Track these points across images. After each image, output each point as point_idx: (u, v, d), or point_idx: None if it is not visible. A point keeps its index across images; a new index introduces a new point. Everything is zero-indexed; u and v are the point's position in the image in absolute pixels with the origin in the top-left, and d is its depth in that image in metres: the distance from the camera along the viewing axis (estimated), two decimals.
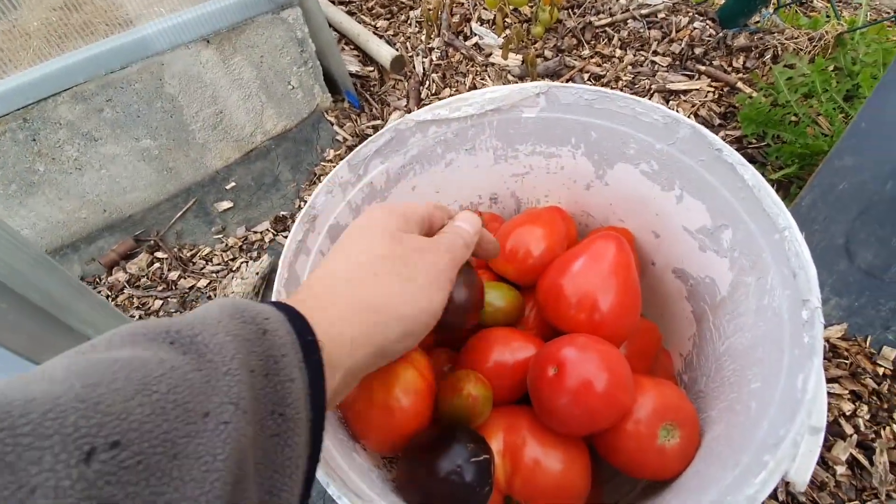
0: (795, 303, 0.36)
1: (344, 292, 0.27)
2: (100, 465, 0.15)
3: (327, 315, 0.26)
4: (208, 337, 0.20)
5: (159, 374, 0.18)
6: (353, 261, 0.29)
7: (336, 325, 0.26)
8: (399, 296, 0.28)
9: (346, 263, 0.29)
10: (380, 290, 0.28)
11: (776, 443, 0.30)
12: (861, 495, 0.58)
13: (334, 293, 0.27)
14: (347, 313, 0.26)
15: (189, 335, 0.20)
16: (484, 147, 0.59)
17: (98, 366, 0.17)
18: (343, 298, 0.27)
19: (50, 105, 0.82)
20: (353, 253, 0.30)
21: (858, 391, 0.64)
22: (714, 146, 0.43)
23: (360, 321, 0.27)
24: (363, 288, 0.28)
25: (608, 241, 0.48)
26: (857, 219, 0.67)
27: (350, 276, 0.28)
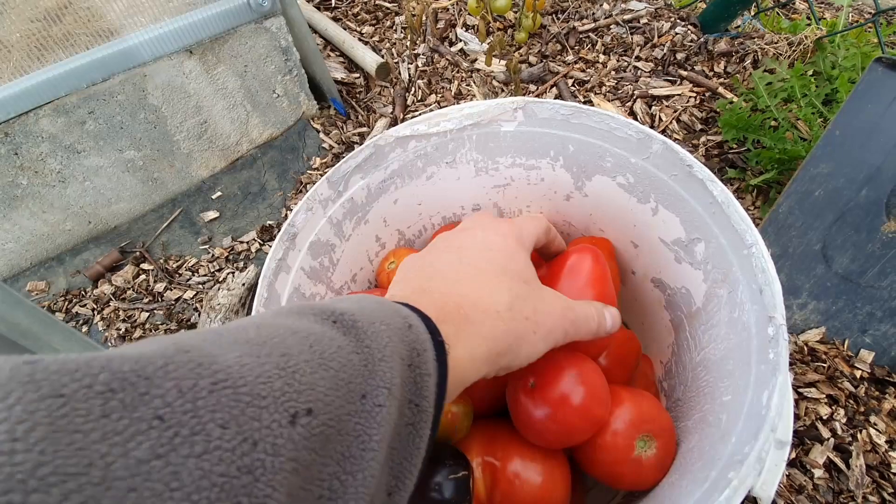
0: (762, 318, 0.36)
1: (484, 320, 0.28)
2: (301, 428, 0.16)
3: (467, 336, 0.27)
4: (366, 324, 0.22)
5: (332, 351, 0.19)
6: (493, 290, 0.30)
7: (472, 347, 0.27)
8: (521, 339, 0.30)
9: (486, 289, 0.30)
10: (510, 328, 0.29)
11: (741, 460, 0.31)
12: (838, 498, 0.60)
13: (476, 318, 0.28)
14: (483, 340, 0.28)
15: (350, 319, 0.21)
16: (464, 160, 0.60)
17: (285, 334, 0.19)
18: (483, 327, 0.28)
19: (31, 118, 0.82)
20: (493, 282, 0.30)
21: (835, 395, 0.65)
22: (685, 162, 0.44)
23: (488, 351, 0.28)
24: (498, 323, 0.29)
25: (584, 254, 0.48)
26: (833, 224, 0.68)
27: (490, 306, 0.29)
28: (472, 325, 0.28)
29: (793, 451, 0.62)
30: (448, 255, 0.33)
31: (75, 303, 0.90)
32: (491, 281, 0.31)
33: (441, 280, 0.30)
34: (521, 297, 0.31)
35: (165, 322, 0.85)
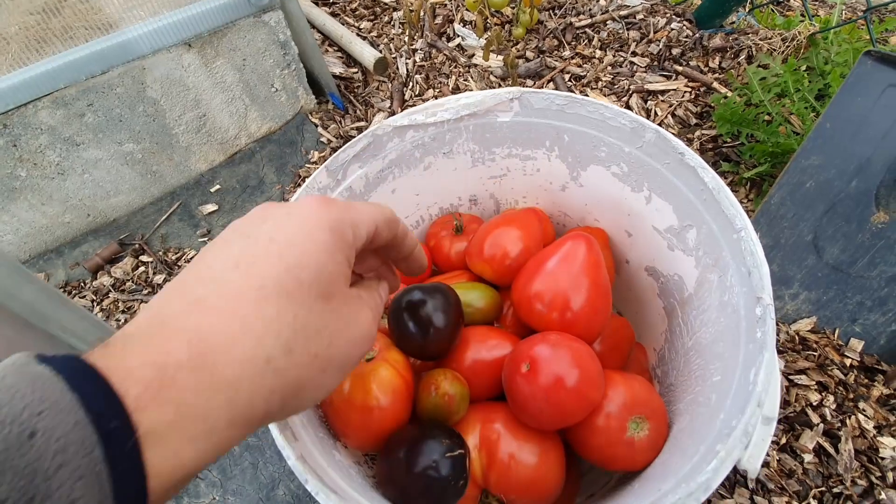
0: (750, 299, 0.37)
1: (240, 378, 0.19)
2: None
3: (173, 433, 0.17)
4: None
5: None
6: (268, 325, 0.20)
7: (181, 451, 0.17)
8: (302, 387, 0.21)
9: (258, 322, 0.20)
10: (286, 380, 0.20)
11: (728, 433, 0.32)
12: (827, 482, 0.61)
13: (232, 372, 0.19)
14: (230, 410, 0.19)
15: None
16: (461, 150, 0.60)
17: None
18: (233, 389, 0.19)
19: (30, 110, 0.82)
20: (272, 309, 0.20)
21: (825, 382, 0.66)
22: (677, 150, 0.45)
23: (242, 419, 0.19)
24: (267, 378, 0.19)
25: (579, 241, 0.49)
26: (823, 216, 0.70)
27: (257, 353, 0.19)
28: (217, 388, 0.18)
29: (783, 437, 0.63)
30: (233, 246, 0.21)
31: (74, 294, 0.91)
32: (270, 307, 0.20)
33: (187, 299, 0.20)
34: (309, 327, 0.21)
35: None
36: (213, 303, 0.19)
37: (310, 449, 0.39)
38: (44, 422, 0.15)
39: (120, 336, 0.19)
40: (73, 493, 0.15)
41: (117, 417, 0.16)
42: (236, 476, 0.71)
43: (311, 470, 0.36)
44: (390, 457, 0.43)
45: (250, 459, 0.72)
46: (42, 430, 0.15)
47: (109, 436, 0.16)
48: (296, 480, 0.70)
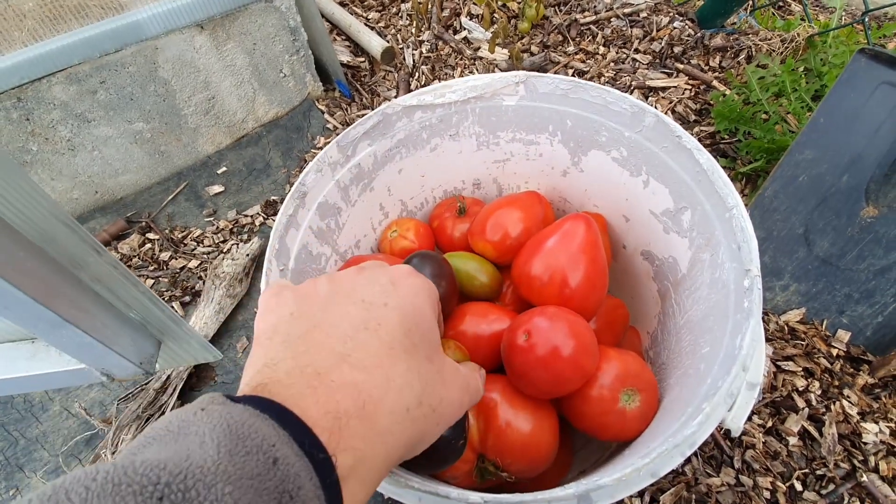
0: (739, 273, 0.39)
1: (391, 429, 0.22)
2: None
3: (357, 469, 0.20)
4: (203, 491, 0.16)
5: None
6: (405, 381, 0.23)
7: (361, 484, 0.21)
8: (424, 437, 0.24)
9: (397, 380, 0.23)
10: (417, 429, 0.23)
11: (713, 393, 0.34)
12: (811, 464, 0.63)
13: (381, 427, 0.22)
14: (385, 456, 0.22)
15: (181, 490, 0.16)
16: (467, 133, 0.62)
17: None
18: (387, 438, 0.22)
19: (44, 85, 0.84)
20: (403, 367, 0.23)
21: (811, 368, 0.68)
22: (675, 133, 0.47)
23: (387, 461, 0.22)
24: (406, 428, 0.22)
25: (578, 221, 0.51)
26: (815, 209, 0.72)
27: (399, 405, 0.22)
28: (377, 436, 0.21)
29: (769, 420, 0.65)
30: (350, 308, 0.25)
31: None
32: (401, 364, 0.23)
33: (333, 355, 0.22)
34: (429, 383, 0.24)
35: (170, 289, 0.88)
36: (357, 359, 0.22)
37: None
38: (279, 452, 0.18)
39: (276, 382, 0.21)
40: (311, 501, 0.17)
41: (322, 451, 0.19)
42: None
43: None
44: None
45: None
46: (281, 458, 0.18)
47: (320, 466, 0.19)
48: None
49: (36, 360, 0.35)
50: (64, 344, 0.31)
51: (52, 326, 0.28)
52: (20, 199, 0.26)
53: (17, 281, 0.27)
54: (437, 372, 0.25)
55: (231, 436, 0.18)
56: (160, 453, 0.17)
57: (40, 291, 0.28)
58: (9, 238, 0.27)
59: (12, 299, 0.28)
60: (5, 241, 0.27)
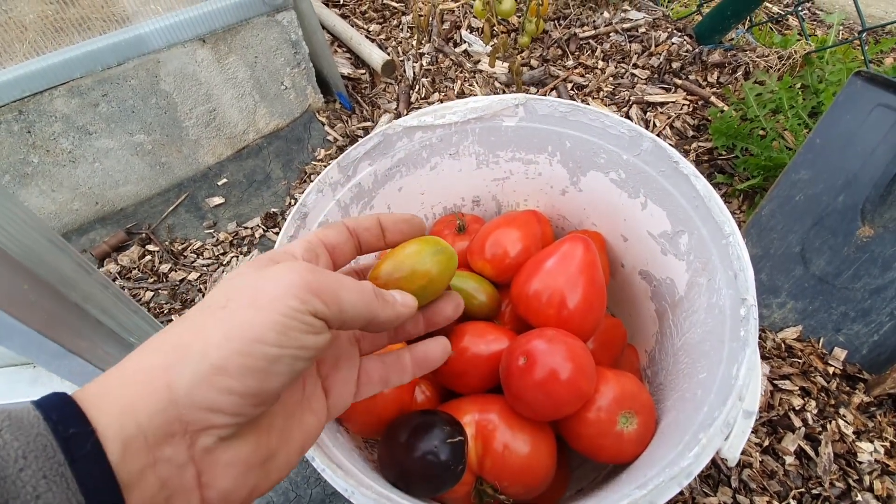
0: (736, 301, 0.40)
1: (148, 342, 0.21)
2: None
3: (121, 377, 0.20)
4: None
5: None
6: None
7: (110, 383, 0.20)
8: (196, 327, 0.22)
9: None
10: (172, 329, 0.22)
11: (710, 423, 0.34)
12: (807, 483, 0.63)
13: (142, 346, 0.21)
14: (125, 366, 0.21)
15: None
16: (467, 152, 0.63)
17: None
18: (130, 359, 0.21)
19: (46, 98, 0.84)
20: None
21: (808, 388, 0.69)
22: (672, 159, 0.48)
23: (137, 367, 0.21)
24: (155, 338, 0.22)
25: (576, 242, 0.52)
26: (811, 228, 0.72)
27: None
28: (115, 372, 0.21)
29: (766, 439, 0.66)
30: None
31: None
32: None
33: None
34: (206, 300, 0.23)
35: (170, 301, 0.88)
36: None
37: None
38: (2, 437, 0.17)
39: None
40: (37, 489, 0.16)
41: (75, 425, 0.18)
42: None
43: (317, 447, 0.38)
44: (392, 441, 0.45)
45: None
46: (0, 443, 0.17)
47: (68, 440, 0.18)
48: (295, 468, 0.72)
49: (37, 386, 0.36)
50: (65, 372, 0.31)
51: (55, 357, 0.29)
52: (23, 233, 0.26)
53: (19, 314, 0.27)
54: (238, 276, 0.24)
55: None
56: None
57: (43, 322, 0.28)
58: (8, 268, 0.27)
59: (13, 331, 0.28)
60: (5, 271, 0.27)
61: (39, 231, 0.31)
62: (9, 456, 0.16)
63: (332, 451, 0.40)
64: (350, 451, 0.45)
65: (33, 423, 0.17)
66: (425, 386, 0.55)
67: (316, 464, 0.37)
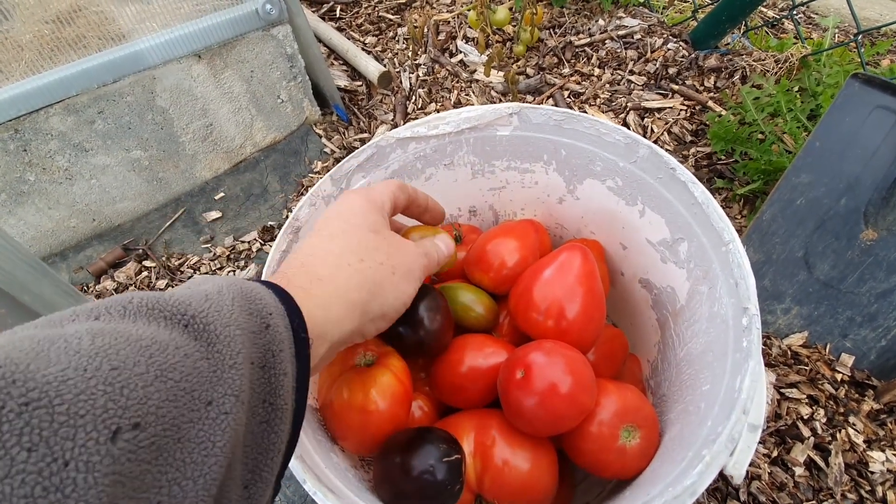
0: (738, 310, 0.39)
1: (335, 274, 0.30)
2: (123, 443, 0.17)
3: (321, 295, 0.29)
4: (220, 328, 0.22)
5: (175, 360, 0.19)
6: (342, 246, 0.32)
7: (328, 305, 0.29)
8: (381, 284, 0.32)
9: (335, 246, 0.32)
10: (366, 276, 0.31)
11: (714, 439, 0.33)
12: (818, 495, 0.61)
13: (327, 272, 0.30)
14: (339, 294, 0.30)
15: (203, 322, 0.21)
16: (462, 162, 0.62)
17: (122, 345, 0.18)
18: (334, 281, 0.30)
19: (42, 116, 0.84)
20: (341, 239, 0.33)
21: (816, 396, 0.67)
22: (669, 165, 0.47)
23: (348, 302, 0.30)
24: (352, 273, 0.31)
25: (574, 251, 0.51)
26: (814, 232, 0.71)
27: (340, 260, 0.31)
28: (323, 283, 0.30)
29: (774, 450, 0.64)
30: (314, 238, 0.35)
31: None
32: (339, 238, 0.33)
33: (303, 257, 0.32)
34: (370, 246, 0.33)
35: None
36: (311, 256, 0.32)
37: (308, 450, 0.40)
38: (273, 320, 0.25)
39: (285, 275, 0.31)
40: (283, 364, 0.24)
41: (304, 332, 0.27)
42: None
43: (309, 470, 0.37)
44: (387, 460, 0.44)
45: None
46: (272, 325, 0.24)
47: (299, 342, 0.26)
48: (291, 486, 0.70)
49: None
50: None
51: None
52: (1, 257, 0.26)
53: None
54: (383, 238, 0.35)
55: (242, 296, 0.24)
56: (185, 292, 0.23)
57: None
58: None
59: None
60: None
61: (21, 256, 0.30)
62: (275, 338, 0.24)
63: (325, 473, 0.38)
64: (344, 472, 0.44)
65: (282, 314, 0.26)
66: (423, 401, 0.54)
67: (307, 487, 0.36)
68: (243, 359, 0.22)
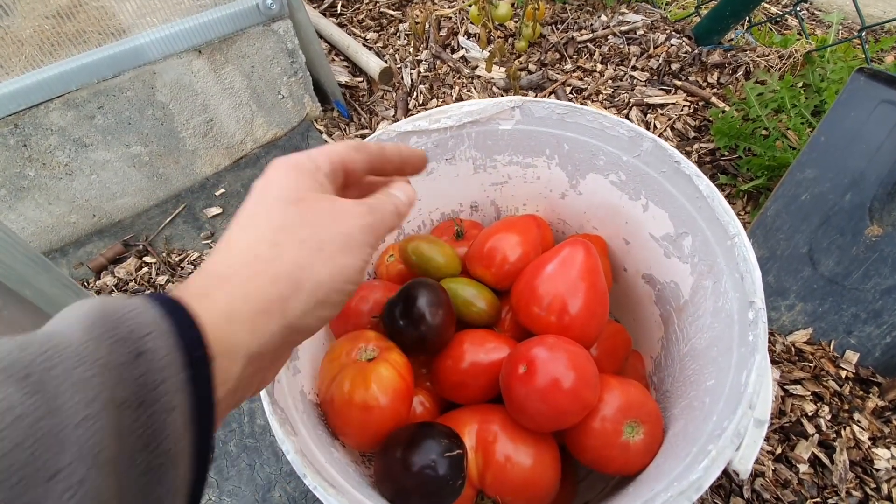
0: (743, 304, 0.38)
1: (240, 271, 0.24)
2: None
3: (225, 295, 0.23)
4: (64, 372, 0.17)
5: (6, 423, 0.15)
6: (251, 233, 0.26)
7: (232, 311, 0.23)
8: (305, 267, 0.25)
9: (246, 234, 0.26)
10: (281, 263, 0.25)
11: (720, 434, 0.33)
12: (822, 492, 0.61)
13: (231, 269, 0.24)
14: (247, 289, 0.23)
15: (43, 367, 0.17)
16: (463, 157, 0.62)
17: None
18: (241, 274, 0.24)
19: (41, 111, 0.84)
20: (251, 224, 0.26)
21: (820, 392, 0.66)
22: (673, 158, 0.46)
23: (262, 296, 0.23)
24: (263, 264, 0.24)
25: (577, 246, 0.50)
26: (818, 228, 0.71)
27: (248, 251, 0.25)
28: (225, 283, 0.23)
29: (779, 447, 0.63)
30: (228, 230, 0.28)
31: None
32: (249, 220, 0.26)
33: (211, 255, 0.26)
34: (288, 223, 0.26)
35: None
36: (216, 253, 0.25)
37: (309, 445, 0.39)
38: (150, 344, 0.19)
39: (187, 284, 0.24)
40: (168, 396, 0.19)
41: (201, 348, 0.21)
42: (233, 477, 0.71)
43: (309, 464, 0.36)
44: (388, 455, 0.43)
45: (247, 461, 0.72)
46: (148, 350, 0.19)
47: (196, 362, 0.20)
48: (292, 482, 0.70)
49: None
50: None
51: None
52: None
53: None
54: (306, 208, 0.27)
55: (102, 321, 0.19)
56: (32, 334, 0.18)
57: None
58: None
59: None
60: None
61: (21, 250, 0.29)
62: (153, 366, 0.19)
63: (325, 468, 0.38)
64: (345, 467, 0.43)
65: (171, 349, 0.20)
66: (424, 397, 0.54)
67: (307, 481, 0.35)
68: (101, 405, 0.17)
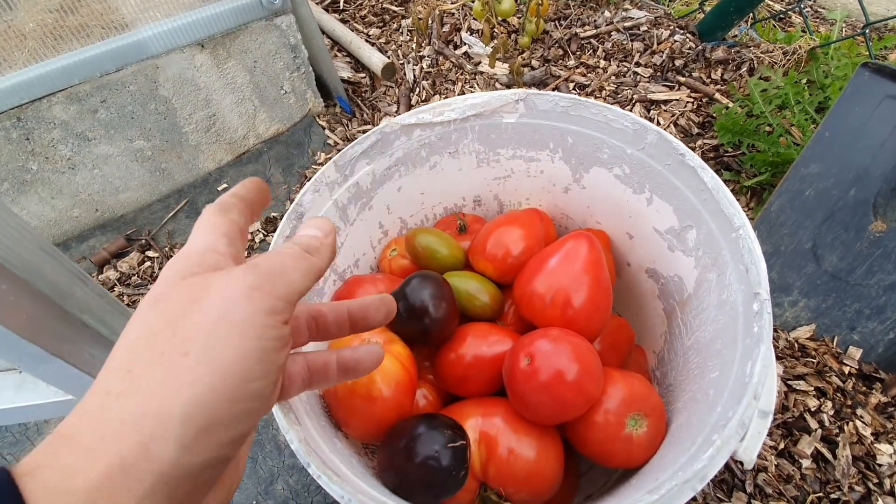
0: (748, 296, 0.38)
1: (88, 416, 0.19)
2: None
3: (62, 464, 0.17)
4: None
5: None
6: (109, 362, 0.20)
7: (75, 475, 0.17)
8: (167, 388, 0.18)
9: (106, 364, 0.20)
10: (137, 390, 0.18)
11: (724, 424, 0.33)
12: (825, 488, 0.61)
13: (80, 422, 0.19)
14: (94, 446, 0.18)
15: None
16: (467, 151, 0.62)
17: None
18: (87, 427, 0.18)
19: (44, 105, 0.84)
20: (115, 348, 0.20)
21: (823, 388, 0.66)
22: (678, 151, 0.46)
23: (112, 452, 0.17)
24: (113, 398, 0.18)
25: (580, 239, 0.50)
26: (822, 224, 0.70)
27: (100, 384, 0.19)
28: (69, 442, 0.18)
29: (781, 442, 0.63)
30: None
31: None
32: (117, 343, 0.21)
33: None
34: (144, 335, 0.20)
35: None
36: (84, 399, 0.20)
37: (312, 434, 0.39)
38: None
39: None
40: None
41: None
42: None
43: (313, 453, 0.36)
44: (392, 446, 0.43)
45: (249, 454, 0.72)
46: None
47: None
48: (294, 475, 0.70)
49: (22, 391, 0.34)
50: (50, 376, 0.30)
51: (38, 361, 0.27)
52: (3, 233, 0.25)
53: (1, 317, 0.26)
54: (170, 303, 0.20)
55: None
56: None
57: (23, 325, 0.27)
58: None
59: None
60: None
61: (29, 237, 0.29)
62: None
63: (329, 457, 0.38)
64: (349, 458, 0.43)
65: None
66: (427, 390, 0.54)
67: (312, 470, 0.35)
68: None
